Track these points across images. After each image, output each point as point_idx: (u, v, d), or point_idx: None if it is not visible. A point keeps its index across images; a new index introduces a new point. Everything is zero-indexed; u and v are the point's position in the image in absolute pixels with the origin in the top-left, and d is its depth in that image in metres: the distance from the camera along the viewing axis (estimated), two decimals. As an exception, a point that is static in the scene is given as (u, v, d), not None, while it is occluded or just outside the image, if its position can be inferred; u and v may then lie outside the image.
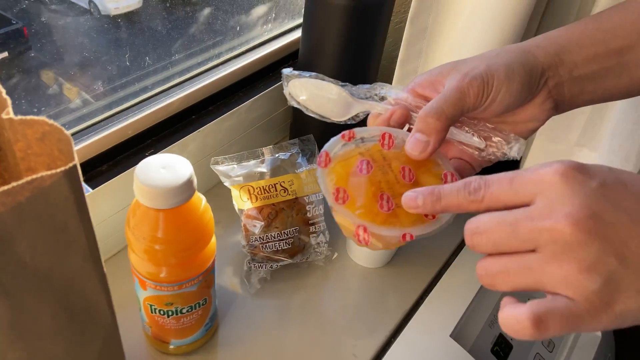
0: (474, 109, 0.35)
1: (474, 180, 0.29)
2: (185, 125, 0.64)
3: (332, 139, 0.36)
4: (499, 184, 0.28)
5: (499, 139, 0.36)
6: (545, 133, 0.60)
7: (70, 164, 0.28)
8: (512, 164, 0.76)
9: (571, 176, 0.26)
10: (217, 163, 0.58)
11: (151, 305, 0.45)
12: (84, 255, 0.32)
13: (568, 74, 0.36)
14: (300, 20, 0.76)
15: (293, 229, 0.58)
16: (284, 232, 0.58)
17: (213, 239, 0.46)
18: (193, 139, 0.62)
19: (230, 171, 0.58)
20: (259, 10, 0.72)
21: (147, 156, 0.59)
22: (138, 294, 0.46)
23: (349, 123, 0.40)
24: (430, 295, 0.61)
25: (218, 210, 0.45)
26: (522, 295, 0.33)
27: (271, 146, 0.61)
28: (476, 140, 0.36)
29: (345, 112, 0.39)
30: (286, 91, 0.40)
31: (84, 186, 0.33)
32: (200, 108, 0.66)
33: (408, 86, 0.38)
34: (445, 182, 0.34)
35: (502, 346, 0.62)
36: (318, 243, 0.60)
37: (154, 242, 0.40)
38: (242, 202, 0.58)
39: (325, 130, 0.68)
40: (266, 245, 0.57)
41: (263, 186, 0.58)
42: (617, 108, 0.52)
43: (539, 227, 0.26)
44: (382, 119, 0.38)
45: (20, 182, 0.26)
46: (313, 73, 0.40)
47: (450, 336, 0.56)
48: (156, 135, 0.61)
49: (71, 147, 0.30)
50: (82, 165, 0.55)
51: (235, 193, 0.58)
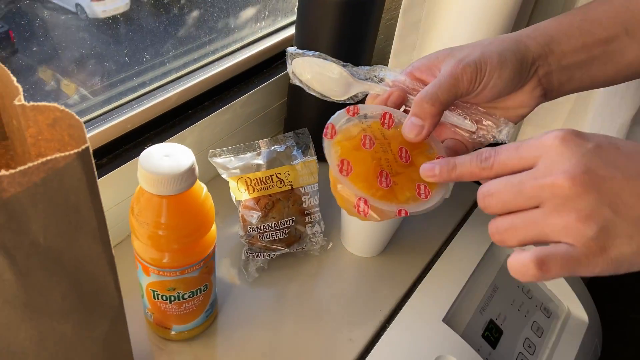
0: (467, 94, 0.37)
1: (485, 150, 0.32)
2: (182, 119, 0.65)
3: (338, 112, 0.38)
4: (507, 151, 0.31)
5: (490, 123, 0.38)
6: (532, 120, 0.62)
7: (83, 146, 0.29)
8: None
9: (569, 139, 0.29)
10: (215, 155, 0.60)
11: (154, 291, 0.47)
12: (94, 236, 0.33)
13: (557, 63, 0.38)
14: (294, 17, 0.78)
15: (289, 219, 0.60)
16: (281, 222, 0.59)
17: (213, 227, 0.47)
18: (190, 133, 0.63)
19: (227, 163, 0.60)
20: (252, 9, 0.73)
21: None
22: (141, 281, 0.47)
23: (348, 102, 0.41)
24: (422, 282, 0.62)
25: (215, 203, 0.46)
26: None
27: (267, 139, 0.62)
28: (468, 123, 0.38)
29: (345, 92, 0.41)
30: (290, 69, 0.42)
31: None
32: (196, 103, 0.67)
33: (406, 69, 0.40)
34: None
35: (493, 331, 0.64)
36: (314, 233, 0.61)
37: (157, 228, 0.42)
38: (240, 193, 0.59)
39: (318, 124, 0.70)
40: (263, 235, 0.59)
41: (260, 177, 0.59)
42: (599, 96, 0.54)
43: (541, 184, 0.29)
44: (380, 100, 0.39)
45: (35, 163, 0.27)
46: (316, 52, 0.42)
47: (442, 321, 0.58)
48: (154, 129, 0.63)
49: (83, 132, 0.31)
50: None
51: (232, 184, 0.59)
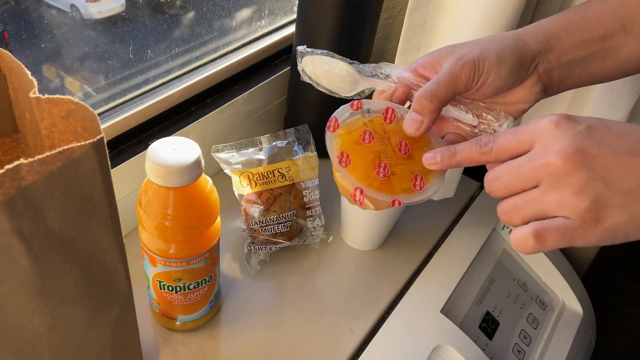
0: (466, 91, 0.39)
1: (484, 136, 0.34)
2: (185, 116, 0.66)
3: (342, 107, 0.40)
4: (505, 136, 0.33)
5: (490, 117, 0.40)
6: (530, 117, 0.64)
7: (97, 137, 0.30)
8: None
9: (562, 123, 0.32)
10: (218, 150, 0.61)
11: (160, 281, 0.48)
12: (106, 225, 0.34)
13: (557, 60, 0.39)
14: (293, 16, 0.79)
15: (291, 213, 0.61)
16: (282, 216, 0.60)
17: (218, 219, 0.49)
18: (193, 129, 0.65)
19: (230, 158, 0.61)
20: (250, 9, 0.74)
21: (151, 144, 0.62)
22: (147, 272, 0.49)
23: (355, 98, 0.43)
24: (420, 275, 0.64)
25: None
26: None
27: (268, 135, 0.63)
28: (469, 117, 0.40)
29: (352, 88, 0.43)
30: (300, 67, 0.43)
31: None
32: (198, 100, 0.69)
33: (411, 66, 0.42)
34: None
35: (489, 323, 0.66)
36: (314, 227, 0.63)
37: (165, 219, 0.43)
38: (242, 188, 0.60)
39: (318, 121, 0.71)
40: (265, 228, 0.60)
41: (262, 172, 0.61)
42: (596, 93, 0.56)
43: (537, 165, 0.31)
44: (385, 96, 0.41)
45: (53, 152, 0.29)
46: (325, 50, 0.43)
47: (440, 312, 0.60)
48: (158, 125, 0.64)
49: (97, 123, 0.32)
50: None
51: (235, 179, 0.61)
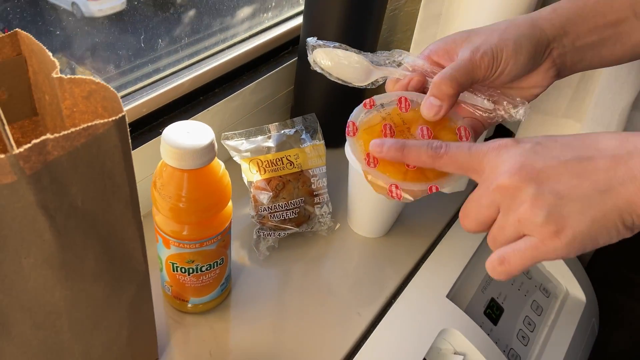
0: (484, 79, 0.40)
1: (437, 141, 0.36)
2: (194, 105, 0.67)
3: (355, 109, 0.41)
4: (459, 147, 0.35)
5: (507, 103, 0.40)
6: (535, 106, 0.65)
7: (120, 114, 0.31)
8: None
9: (509, 145, 0.33)
10: (228, 138, 0.62)
11: (173, 263, 0.49)
12: (126, 203, 0.35)
13: (571, 45, 0.41)
14: (300, 8, 0.80)
15: (299, 200, 0.62)
16: (291, 203, 0.61)
17: (230, 203, 0.50)
18: (202, 118, 0.66)
19: (239, 146, 0.62)
20: (256, 1, 0.75)
21: (161, 133, 0.63)
22: (160, 254, 0.50)
23: (369, 87, 0.44)
24: (426, 261, 0.65)
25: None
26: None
27: (277, 123, 0.64)
28: (487, 103, 0.41)
29: (365, 78, 0.43)
30: (310, 58, 0.44)
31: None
32: (207, 90, 0.70)
33: (423, 53, 0.43)
34: (459, 136, 0.39)
35: (494, 309, 0.67)
36: (322, 214, 0.64)
37: (179, 201, 0.44)
38: (251, 175, 0.61)
39: (324, 112, 0.72)
40: (274, 214, 0.61)
41: (271, 159, 0.62)
42: (600, 80, 0.57)
43: (492, 190, 0.32)
44: (401, 85, 0.42)
45: (77, 128, 0.30)
46: (336, 43, 0.44)
47: (446, 297, 0.61)
48: (168, 113, 0.65)
49: (118, 102, 0.33)
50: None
51: (244, 166, 0.62)
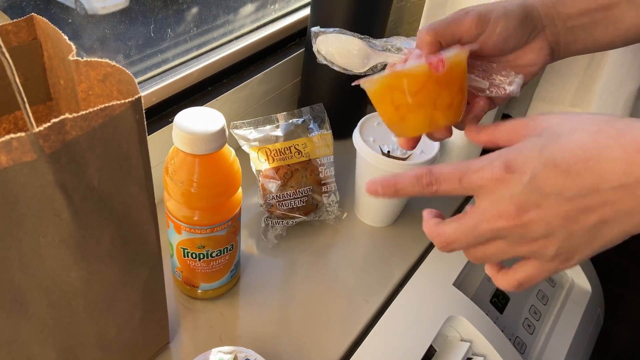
0: (469, 38, 0.40)
1: (425, 175, 0.35)
2: (203, 95, 0.68)
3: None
4: (449, 183, 0.34)
5: (501, 77, 0.41)
6: (541, 95, 0.65)
7: (136, 96, 0.32)
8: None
9: (505, 179, 0.31)
10: (237, 127, 0.63)
11: (184, 249, 0.49)
12: (141, 185, 0.36)
13: (563, 24, 0.41)
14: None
15: (307, 188, 0.62)
16: (299, 191, 0.62)
17: (240, 190, 0.50)
18: (210, 107, 0.66)
19: (248, 135, 0.63)
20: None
21: (171, 122, 0.63)
22: (171, 240, 0.50)
23: (368, 74, 0.44)
24: (433, 250, 0.65)
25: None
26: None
27: (285, 113, 0.65)
28: (481, 82, 0.41)
29: (365, 64, 0.44)
30: (315, 48, 0.45)
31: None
32: (215, 80, 0.70)
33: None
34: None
35: (500, 298, 0.67)
36: (330, 202, 0.64)
37: (190, 186, 0.45)
38: (260, 163, 0.62)
39: (330, 103, 0.72)
40: (282, 203, 0.62)
41: (279, 148, 0.62)
42: (606, 68, 0.57)
43: (495, 227, 0.33)
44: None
45: (95, 109, 0.30)
46: (337, 28, 0.44)
47: (453, 285, 0.61)
48: (177, 103, 0.65)
49: (133, 85, 0.34)
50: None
51: (253, 155, 0.62)
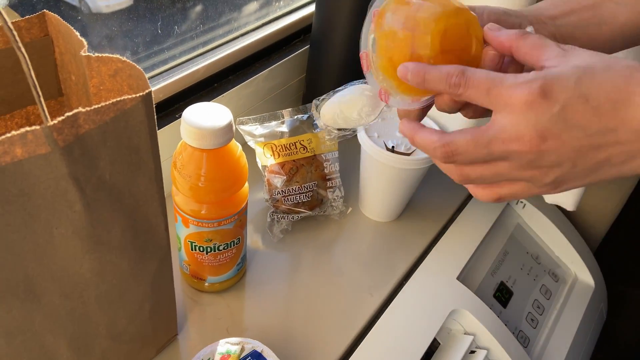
0: None
1: (456, 74, 0.33)
2: (209, 91, 0.69)
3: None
4: (477, 90, 0.33)
5: None
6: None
7: (146, 90, 0.33)
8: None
9: (536, 104, 0.31)
10: (242, 123, 0.63)
11: (192, 242, 0.50)
12: (150, 178, 0.37)
13: (552, 22, 0.41)
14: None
15: (312, 183, 0.63)
16: (304, 186, 0.63)
17: (246, 185, 0.51)
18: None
19: (254, 130, 0.63)
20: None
21: (178, 118, 0.64)
22: (179, 234, 0.51)
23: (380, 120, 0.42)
24: (436, 245, 0.66)
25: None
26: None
27: (290, 109, 0.66)
28: None
29: (374, 111, 0.42)
30: (320, 123, 0.43)
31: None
32: (221, 77, 0.71)
33: None
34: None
35: (504, 292, 0.68)
36: (334, 198, 0.65)
37: (198, 180, 0.46)
38: (266, 159, 0.63)
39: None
40: (288, 198, 0.62)
41: (284, 144, 0.63)
42: None
43: (509, 149, 0.32)
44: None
45: (107, 103, 0.31)
46: (336, 92, 0.43)
47: (457, 279, 0.62)
48: (184, 99, 0.66)
49: (143, 80, 0.34)
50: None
51: (259, 150, 0.63)
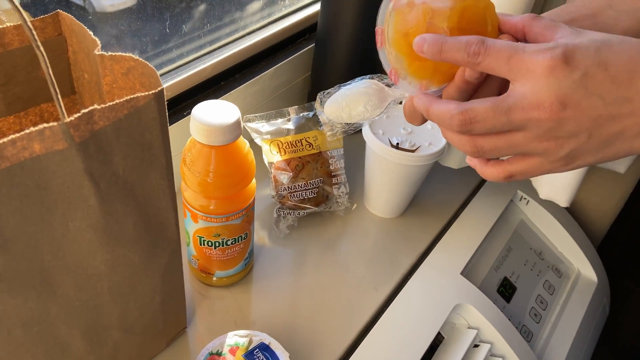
0: None
1: (475, 43, 0.33)
2: (216, 90, 0.70)
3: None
4: (497, 58, 0.32)
5: None
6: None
7: (159, 88, 0.34)
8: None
9: (558, 69, 0.31)
10: (249, 120, 0.64)
11: (200, 237, 0.51)
12: (162, 173, 0.38)
13: None
14: (317, -5, 0.82)
15: (318, 180, 0.64)
16: (310, 183, 0.64)
17: (254, 181, 0.52)
18: (224, 102, 0.68)
19: (260, 128, 0.64)
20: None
21: (185, 115, 0.65)
22: (188, 229, 0.52)
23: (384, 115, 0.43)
24: (440, 241, 0.67)
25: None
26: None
27: (296, 106, 0.66)
28: None
29: (381, 105, 0.42)
30: (323, 117, 0.43)
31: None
32: (227, 75, 0.72)
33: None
34: None
35: (507, 287, 0.68)
36: (340, 194, 0.66)
37: (207, 176, 0.47)
38: (272, 156, 0.64)
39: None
40: (294, 194, 0.63)
41: (290, 141, 0.64)
42: None
43: (528, 117, 0.32)
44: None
45: (121, 100, 0.32)
46: (340, 89, 0.43)
47: (461, 274, 0.63)
48: (191, 97, 0.67)
49: (156, 78, 0.35)
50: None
51: (265, 147, 0.64)
